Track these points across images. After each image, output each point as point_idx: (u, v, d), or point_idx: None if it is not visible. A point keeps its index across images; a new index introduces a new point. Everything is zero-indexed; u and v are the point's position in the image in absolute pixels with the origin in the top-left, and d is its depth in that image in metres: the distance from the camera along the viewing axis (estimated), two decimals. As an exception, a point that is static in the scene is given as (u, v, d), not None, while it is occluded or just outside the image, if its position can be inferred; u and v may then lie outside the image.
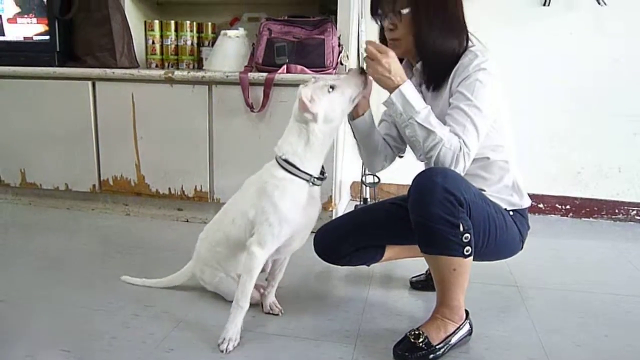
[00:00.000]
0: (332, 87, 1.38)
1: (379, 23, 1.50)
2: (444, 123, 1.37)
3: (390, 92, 1.36)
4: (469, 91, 1.35)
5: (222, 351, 1.38)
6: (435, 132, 1.31)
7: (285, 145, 1.42)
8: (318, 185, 1.45)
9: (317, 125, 1.37)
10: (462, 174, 1.34)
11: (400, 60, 1.51)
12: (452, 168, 1.32)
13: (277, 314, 1.60)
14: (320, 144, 1.40)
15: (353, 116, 1.55)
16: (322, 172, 1.45)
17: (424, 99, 1.51)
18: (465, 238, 1.31)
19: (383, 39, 1.52)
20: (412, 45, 1.44)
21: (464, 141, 1.32)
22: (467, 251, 1.33)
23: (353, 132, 1.61)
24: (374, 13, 1.49)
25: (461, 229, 1.30)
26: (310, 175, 1.41)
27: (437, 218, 1.29)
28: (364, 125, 1.56)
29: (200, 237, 1.68)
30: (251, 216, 1.45)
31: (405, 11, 1.40)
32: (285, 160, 1.40)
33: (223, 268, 1.60)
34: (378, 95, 1.44)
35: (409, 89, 1.35)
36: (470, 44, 1.44)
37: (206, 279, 1.65)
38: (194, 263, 1.70)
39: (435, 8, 1.39)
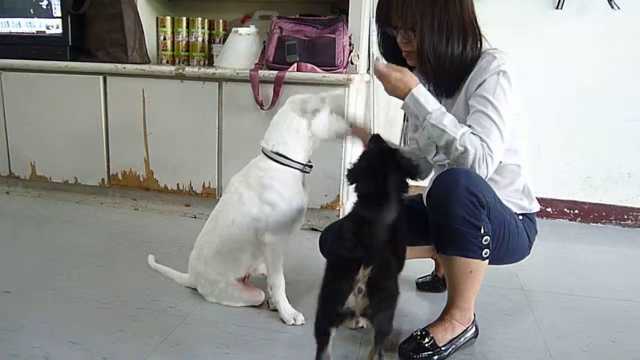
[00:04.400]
0: (333, 113, 1.54)
1: (392, 35, 1.47)
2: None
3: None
4: (490, 94, 1.33)
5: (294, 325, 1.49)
6: (446, 132, 1.29)
7: (275, 135, 1.49)
8: (308, 172, 1.53)
9: (306, 128, 1.48)
10: (486, 178, 1.33)
11: (411, 69, 1.53)
12: (476, 170, 1.30)
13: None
14: (306, 141, 1.50)
15: None
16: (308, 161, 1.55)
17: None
18: (485, 240, 1.31)
19: (387, 48, 1.53)
20: None
21: (487, 145, 1.30)
22: (485, 254, 1.33)
23: None
24: (387, 25, 1.46)
25: (482, 231, 1.30)
26: (302, 164, 1.50)
27: (460, 219, 1.28)
28: None
29: (191, 257, 1.67)
30: (255, 213, 1.49)
31: (414, 24, 1.39)
32: (276, 153, 1.47)
33: (223, 276, 1.60)
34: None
35: (421, 92, 1.34)
36: (486, 46, 1.43)
37: (206, 292, 1.65)
38: (190, 279, 1.70)
39: (440, 20, 1.37)
